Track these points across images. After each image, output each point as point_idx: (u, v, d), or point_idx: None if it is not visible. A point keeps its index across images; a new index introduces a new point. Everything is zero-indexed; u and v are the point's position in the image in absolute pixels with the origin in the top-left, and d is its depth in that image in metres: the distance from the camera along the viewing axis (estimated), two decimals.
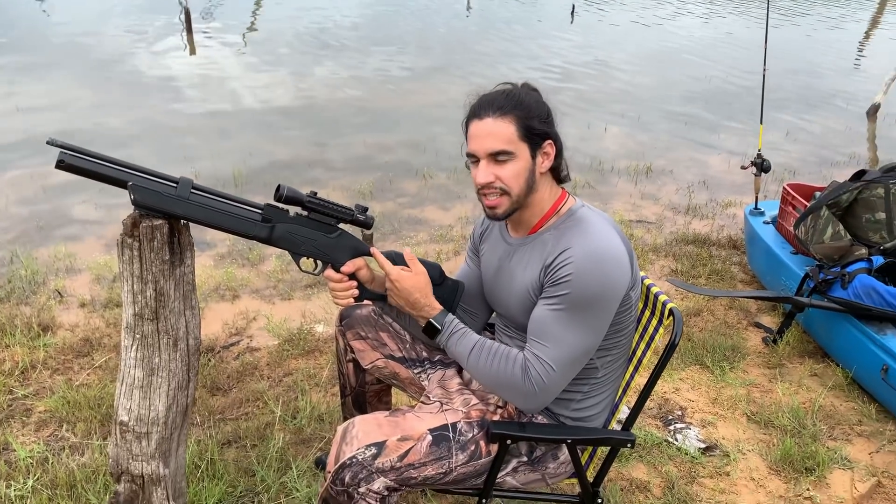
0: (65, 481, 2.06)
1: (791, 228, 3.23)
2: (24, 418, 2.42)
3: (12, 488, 2.05)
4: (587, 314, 1.48)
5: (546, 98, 1.58)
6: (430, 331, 1.59)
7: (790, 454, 2.38)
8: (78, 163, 1.34)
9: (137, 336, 1.48)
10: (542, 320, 1.51)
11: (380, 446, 1.46)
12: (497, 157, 1.50)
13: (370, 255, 1.63)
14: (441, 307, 1.60)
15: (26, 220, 4.21)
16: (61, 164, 1.33)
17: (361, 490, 1.43)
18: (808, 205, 3.13)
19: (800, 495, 2.25)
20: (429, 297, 1.58)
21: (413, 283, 1.57)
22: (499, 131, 1.48)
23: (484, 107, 1.51)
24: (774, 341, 3.07)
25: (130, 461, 1.56)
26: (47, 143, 1.35)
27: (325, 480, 1.46)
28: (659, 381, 2.75)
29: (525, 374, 1.49)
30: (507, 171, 1.50)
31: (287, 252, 1.58)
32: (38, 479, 2.10)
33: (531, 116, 1.50)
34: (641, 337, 1.75)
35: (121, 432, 1.55)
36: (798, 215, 3.17)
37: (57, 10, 10.68)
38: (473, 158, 1.54)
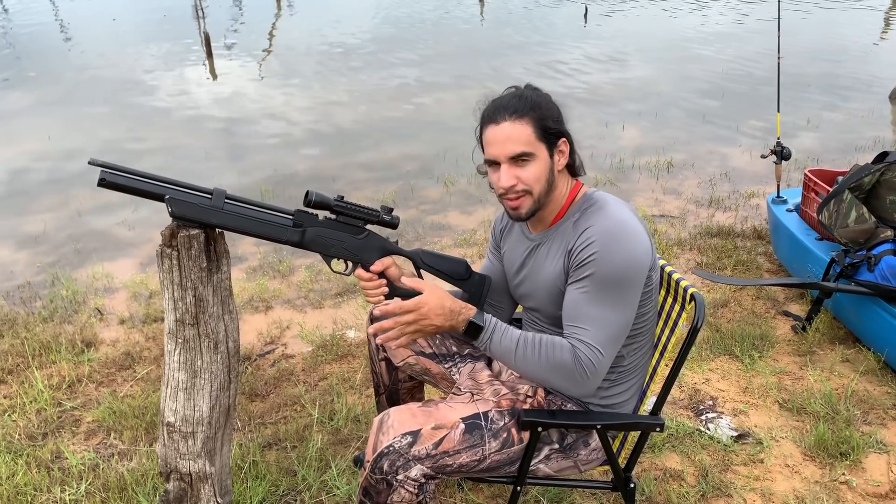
0: (116, 485, 2.16)
1: (814, 214, 3.22)
2: (73, 428, 2.53)
3: (67, 492, 2.16)
4: (618, 290, 1.50)
5: (556, 97, 1.62)
6: (473, 331, 1.55)
7: (824, 440, 2.37)
8: (118, 180, 1.42)
9: (180, 340, 1.56)
10: (575, 304, 1.53)
11: (415, 435, 1.51)
12: (518, 159, 1.53)
13: (398, 253, 1.69)
14: (474, 307, 1.58)
15: (64, 243, 4.36)
16: (103, 182, 1.41)
17: (400, 477, 1.48)
18: (831, 190, 3.12)
19: (835, 480, 2.25)
20: (456, 300, 1.55)
21: (437, 296, 1.53)
22: (517, 134, 1.52)
23: (499, 111, 1.54)
24: (804, 328, 3.07)
25: (178, 460, 1.64)
26: (89, 163, 1.43)
27: (365, 470, 1.52)
28: (688, 372, 2.79)
29: (576, 360, 1.49)
30: (527, 173, 1.54)
31: (318, 255, 1.64)
32: (90, 483, 2.20)
33: (546, 117, 1.54)
34: (665, 323, 1.79)
35: (168, 433, 1.62)
36: (821, 201, 3.17)
37: (82, 42, 10.99)
38: (493, 164, 1.57)
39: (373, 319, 1.97)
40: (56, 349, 3.01)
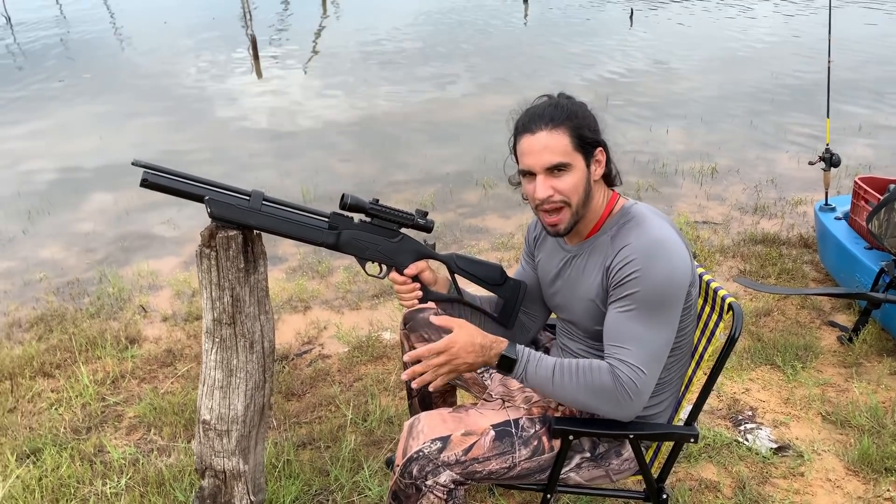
0: (154, 480, 2.22)
1: (864, 223, 3.13)
2: (116, 423, 2.61)
3: (108, 486, 2.22)
4: (658, 308, 1.47)
5: (594, 105, 1.59)
6: (507, 364, 1.50)
7: (869, 454, 2.30)
8: (159, 181, 1.46)
9: (217, 340, 1.59)
10: (616, 325, 1.49)
11: (444, 440, 1.51)
12: (554, 170, 1.50)
13: (432, 257, 1.69)
14: (506, 340, 1.53)
15: (112, 241, 4.49)
16: (145, 183, 1.45)
17: (429, 483, 1.48)
18: (882, 198, 3.03)
19: (880, 496, 2.18)
20: (486, 335, 1.51)
21: (466, 333, 1.49)
22: (554, 144, 1.49)
23: (535, 120, 1.51)
24: (850, 339, 2.98)
25: (213, 457, 1.67)
26: (132, 163, 1.48)
27: (394, 474, 1.53)
28: (728, 382, 2.74)
29: (616, 380, 1.44)
30: (564, 183, 1.51)
31: (353, 258, 1.66)
32: (130, 477, 2.26)
33: (582, 126, 1.51)
34: (703, 333, 1.75)
35: (203, 430, 1.66)
36: (871, 209, 3.07)
37: (135, 45, 11.33)
38: (528, 175, 1.55)
39: (406, 322, 1.99)
40: (101, 345, 3.11)
